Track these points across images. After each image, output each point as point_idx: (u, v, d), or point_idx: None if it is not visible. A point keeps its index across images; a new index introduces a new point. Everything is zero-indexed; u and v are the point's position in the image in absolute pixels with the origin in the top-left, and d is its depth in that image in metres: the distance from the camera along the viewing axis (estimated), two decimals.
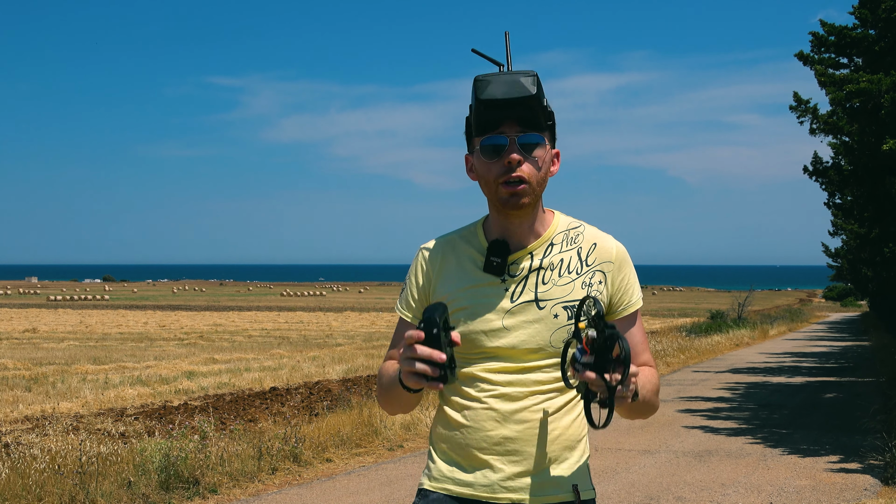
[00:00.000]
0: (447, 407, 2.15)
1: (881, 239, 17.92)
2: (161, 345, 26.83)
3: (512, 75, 2.01)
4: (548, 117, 2.08)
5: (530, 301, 2.08)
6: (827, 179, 17.89)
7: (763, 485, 7.97)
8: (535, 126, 2.04)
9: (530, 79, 2.00)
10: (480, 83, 2.01)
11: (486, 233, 2.16)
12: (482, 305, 2.09)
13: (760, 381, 17.18)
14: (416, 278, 2.20)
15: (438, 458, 2.16)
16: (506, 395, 2.07)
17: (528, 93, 1.99)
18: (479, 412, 2.08)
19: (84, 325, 37.43)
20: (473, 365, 2.10)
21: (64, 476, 6.72)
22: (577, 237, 2.16)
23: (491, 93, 2.00)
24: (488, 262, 2.09)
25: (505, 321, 2.07)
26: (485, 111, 2.03)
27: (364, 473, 8.40)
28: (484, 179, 2.09)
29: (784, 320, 40.86)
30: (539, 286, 2.09)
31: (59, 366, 18.86)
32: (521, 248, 2.12)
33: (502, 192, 2.04)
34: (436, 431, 2.19)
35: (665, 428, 11.14)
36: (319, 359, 20.86)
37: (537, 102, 2.01)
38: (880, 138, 12.08)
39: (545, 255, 2.12)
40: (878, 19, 12.17)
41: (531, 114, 2.02)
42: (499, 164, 2.04)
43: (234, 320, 42.74)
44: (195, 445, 7.85)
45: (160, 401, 13.37)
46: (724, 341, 26.93)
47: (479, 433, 2.08)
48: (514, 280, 2.10)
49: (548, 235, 2.14)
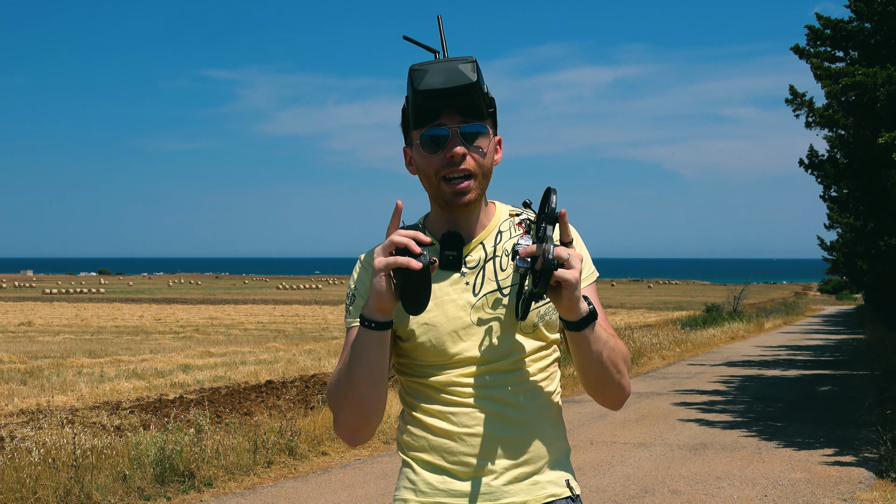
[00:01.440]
0: (423, 415, 2.00)
1: (876, 232, 17.96)
2: (157, 338, 26.80)
3: (449, 62, 1.88)
4: (489, 104, 1.95)
5: (493, 290, 1.98)
6: (823, 173, 17.91)
7: (758, 478, 7.98)
8: (476, 114, 1.92)
9: (469, 65, 1.87)
10: (416, 73, 1.88)
11: (430, 229, 2.04)
12: (446, 304, 1.97)
13: (756, 375, 17.21)
14: (365, 288, 2.02)
15: (422, 469, 2.00)
16: (493, 397, 1.95)
17: (468, 80, 1.86)
18: (471, 416, 1.95)
19: (80, 319, 37.38)
20: (449, 370, 1.97)
21: (59, 469, 6.71)
22: (523, 221, 2.03)
23: (429, 83, 1.86)
24: (443, 256, 1.97)
25: (472, 316, 1.96)
26: (423, 102, 1.89)
27: (359, 466, 8.41)
28: (424, 174, 1.97)
29: (779, 313, 40.95)
30: (498, 273, 1.99)
31: (54, 359, 18.84)
32: (471, 240, 2.01)
33: (445, 189, 1.94)
34: (410, 440, 2.03)
35: (660, 421, 11.15)
36: (315, 352, 20.85)
37: (478, 89, 1.88)
38: (876, 132, 12.10)
39: (496, 242, 2.02)
40: (874, 13, 12.17)
41: (472, 102, 1.90)
42: (440, 157, 1.92)
43: (229, 313, 42.70)
44: (190, 439, 7.85)
45: (156, 394, 13.36)
46: (720, 334, 26.97)
47: (475, 438, 1.95)
48: (472, 272, 1.99)
49: (493, 224, 2.04)
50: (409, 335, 1.98)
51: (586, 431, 10.10)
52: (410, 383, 2.03)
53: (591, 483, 7.69)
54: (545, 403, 2.01)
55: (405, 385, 2.05)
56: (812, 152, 18.12)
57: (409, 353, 2.00)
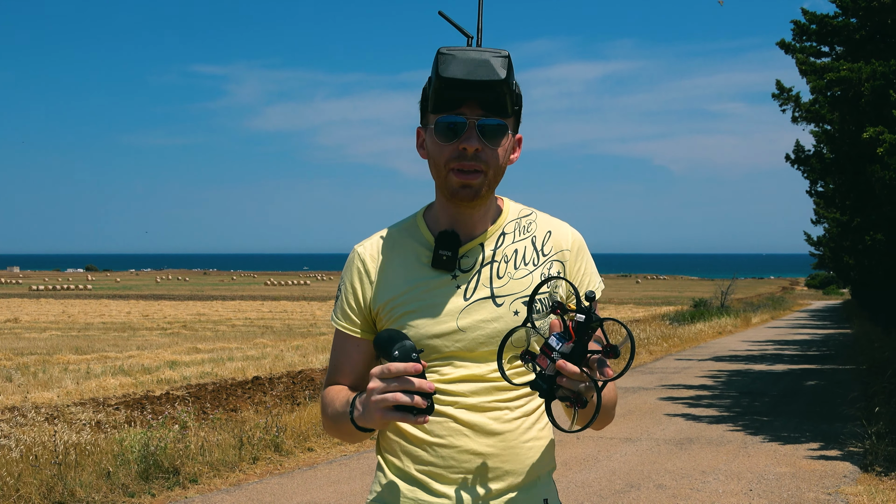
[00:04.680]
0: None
1: (862, 227, 18.00)
2: (144, 334, 26.71)
3: (482, 54, 1.76)
4: (515, 101, 1.85)
5: (486, 298, 1.87)
6: (809, 167, 17.97)
7: (743, 472, 8.00)
8: (499, 111, 1.81)
9: (501, 60, 1.76)
10: (444, 57, 1.76)
11: (428, 224, 1.95)
12: (432, 306, 1.87)
13: (742, 369, 17.26)
14: (353, 283, 1.95)
15: (392, 475, 1.92)
16: (472, 406, 1.85)
17: (497, 77, 1.76)
18: (444, 426, 1.85)
19: (66, 315, 37.22)
20: (428, 374, 1.84)
21: (40, 467, 6.67)
22: (530, 225, 1.97)
23: (454, 71, 1.76)
24: (437, 256, 1.87)
25: (460, 322, 1.86)
26: (445, 89, 1.79)
27: (345, 462, 8.39)
28: (434, 161, 1.86)
29: (767, 308, 41.09)
30: (494, 280, 1.89)
31: (40, 356, 18.75)
32: (470, 240, 1.91)
33: (453, 180, 1.83)
34: (385, 443, 1.95)
35: (647, 416, 11.17)
36: (303, 348, 20.82)
37: (505, 86, 1.78)
38: (861, 126, 12.12)
39: (497, 245, 1.92)
40: (859, 8, 12.18)
41: (497, 98, 1.79)
42: (453, 146, 1.82)
43: (217, 310, 42.59)
44: (175, 435, 7.82)
45: (142, 390, 13.31)
46: (707, 329, 27.04)
47: (446, 450, 1.85)
48: (465, 275, 1.89)
49: (498, 224, 1.94)
50: None
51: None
52: None
53: (576, 478, 7.69)
54: (528, 418, 1.90)
55: None
56: (798, 147, 18.17)
57: None
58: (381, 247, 1.96)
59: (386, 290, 1.91)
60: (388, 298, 1.90)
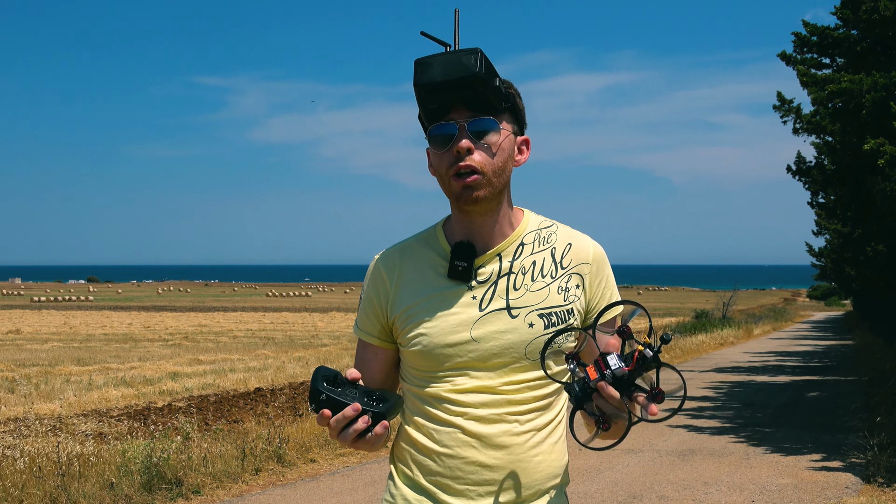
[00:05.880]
0: (411, 428, 1.93)
1: (864, 238, 18.01)
2: (145, 346, 26.71)
3: (452, 54, 1.77)
4: (504, 98, 1.84)
5: (501, 309, 1.86)
6: (810, 179, 17.97)
7: (745, 483, 8.00)
8: (485, 109, 1.81)
9: (473, 56, 1.75)
10: (418, 66, 1.78)
11: (447, 235, 1.94)
12: (447, 316, 1.86)
13: (744, 381, 17.25)
14: (371, 292, 1.96)
15: (402, 484, 1.93)
16: (481, 418, 1.84)
17: (470, 71, 1.74)
18: (452, 436, 1.85)
19: (68, 326, 37.22)
20: (440, 384, 1.87)
21: (44, 478, 6.68)
22: (550, 237, 1.94)
23: (429, 76, 1.76)
24: (453, 266, 1.86)
25: (474, 332, 1.85)
26: (426, 97, 1.80)
27: (348, 474, 8.39)
28: (437, 172, 1.87)
29: (768, 319, 41.05)
30: (510, 292, 1.87)
31: (42, 367, 18.75)
32: (487, 250, 1.89)
33: (454, 185, 1.83)
34: (397, 451, 1.97)
35: (649, 427, 11.16)
36: (305, 359, 20.81)
37: (483, 82, 1.76)
38: (862, 138, 12.15)
39: (515, 256, 1.90)
40: (860, 20, 12.22)
41: (477, 95, 1.78)
42: (449, 153, 1.82)
43: (219, 321, 42.58)
44: (178, 446, 7.83)
45: (144, 402, 13.32)
46: (709, 341, 27.03)
47: (453, 460, 1.85)
48: (482, 286, 1.87)
49: (517, 235, 1.92)
50: (406, 342, 1.91)
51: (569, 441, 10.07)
52: (408, 388, 1.96)
53: (579, 489, 7.69)
54: (538, 433, 1.89)
55: (404, 391, 1.98)
56: (800, 159, 18.18)
57: (407, 358, 1.94)
58: (400, 257, 1.96)
59: (402, 299, 1.91)
60: (403, 308, 1.91)
